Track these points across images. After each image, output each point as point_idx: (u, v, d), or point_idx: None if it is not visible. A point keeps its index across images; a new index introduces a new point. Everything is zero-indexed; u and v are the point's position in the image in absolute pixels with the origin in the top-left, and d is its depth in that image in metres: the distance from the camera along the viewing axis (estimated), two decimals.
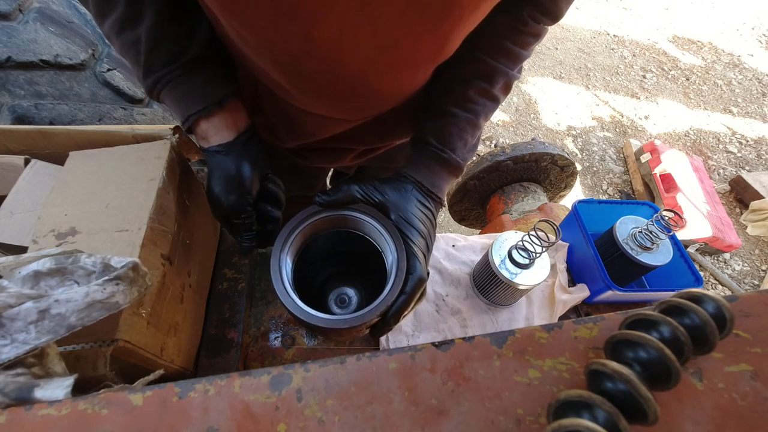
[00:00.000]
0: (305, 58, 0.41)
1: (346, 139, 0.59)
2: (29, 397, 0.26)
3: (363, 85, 0.45)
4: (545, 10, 0.46)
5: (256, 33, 0.39)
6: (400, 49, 0.41)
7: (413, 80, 0.49)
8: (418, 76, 0.48)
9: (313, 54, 0.40)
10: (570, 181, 1.23)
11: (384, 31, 0.37)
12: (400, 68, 0.45)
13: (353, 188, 0.46)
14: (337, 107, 0.50)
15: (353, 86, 0.45)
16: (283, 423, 0.24)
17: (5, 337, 0.27)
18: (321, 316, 0.39)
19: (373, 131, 0.60)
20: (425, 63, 0.46)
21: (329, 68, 0.42)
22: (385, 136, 0.63)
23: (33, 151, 0.55)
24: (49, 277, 0.31)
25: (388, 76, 0.45)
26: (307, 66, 0.42)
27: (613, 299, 0.68)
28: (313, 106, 0.50)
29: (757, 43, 3.29)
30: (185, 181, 0.54)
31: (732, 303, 0.29)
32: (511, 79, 0.51)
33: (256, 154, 0.48)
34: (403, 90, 0.50)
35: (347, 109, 0.51)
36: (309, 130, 0.56)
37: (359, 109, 0.52)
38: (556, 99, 2.62)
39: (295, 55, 0.41)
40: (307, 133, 0.57)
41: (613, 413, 0.20)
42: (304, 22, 0.36)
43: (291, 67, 0.43)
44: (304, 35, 0.38)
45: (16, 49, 1.21)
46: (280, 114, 0.55)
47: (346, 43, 0.38)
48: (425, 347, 0.28)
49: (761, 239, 2.11)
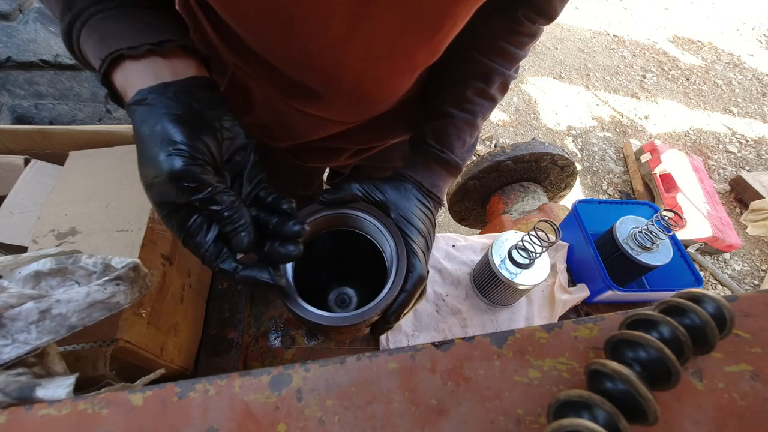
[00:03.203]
0: (303, 68, 0.42)
1: (341, 139, 0.59)
2: (31, 396, 0.26)
3: (360, 92, 0.46)
4: (540, 11, 0.47)
5: (258, 40, 0.40)
6: (394, 59, 0.42)
7: (408, 84, 0.50)
8: (414, 79, 0.49)
9: (310, 65, 0.41)
10: (570, 181, 1.23)
11: (379, 43, 0.38)
12: (397, 76, 0.46)
13: (354, 187, 0.46)
14: (334, 111, 0.51)
15: (350, 93, 0.46)
16: (283, 423, 0.24)
17: (6, 337, 0.27)
18: (321, 314, 0.39)
19: (368, 131, 0.60)
20: (420, 68, 0.47)
21: (326, 78, 0.43)
22: (380, 136, 0.63)
23: (33, 151, 0.55)
24: (50, 277, 0.31)
25: (384, 83, 0.46)
26: (306, 75, 0.43)
27: (613, 299, 0.68)
28: (310, 107, 0.51)
29: (757, 43, 3.30)
30: None
31: (732, 303, 0.29)
32: (507, 79, 0.51)
33: (213, 103, 0.33)
34: (399, 93, 0.51)
35: (344, 113, 0.52)
36: (304, 130, 0.56)
37: (356, 113, 0.53)
38: (556, 99, 2.62)
39: (294, 62, 0.42)
40: (301, 134, 0.57)
41: (613, 413, 0.20)
42: (300, 35, 0.37)
43: (290, 73, 0.44)
44: (302, 47, 0.38)
45: (16, 49, 1.21)
46: (274, 113, 0.54)
47: (343, 55, 0.39)
48: (425, 347, 0.28)
49: (761, 239, 2.11)
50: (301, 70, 0.43)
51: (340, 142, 0.61)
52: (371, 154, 0.70)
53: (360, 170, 0.85)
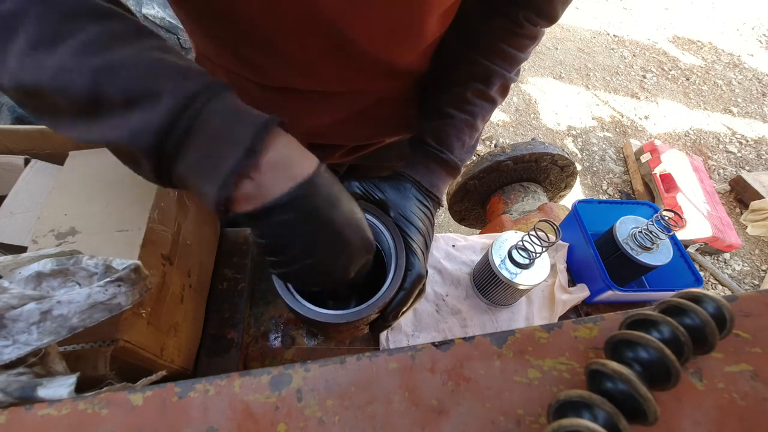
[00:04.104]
0: (274, 8, 0.38)
1: (333, 134, 0.59)
2: (32, 396, 0.26)
3: (337, 37, 0.42)
4: (541, 12, 0.47)
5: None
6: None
7: (388, 48, 0.46)
8: (392, 46, 0.45)
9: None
10: (570, 181, 1.23)
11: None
12: (376, 22, 0.41)
13: (353, 185, 0.46)
14: (313, 72, 0.47)
15: (327, 35, 0.42)
16: (283, 423, 0.24)
17: (7, 338, 0.27)
18: (321, 311, 0.39)
19: (363, 128, 0.59)
20: (400, 29, 0.43)
21: (299, 17, 0.39)
22: (375, 133, 0.63)
23: (33, 151, 0.55)
24: (52, 278, 0.31)
25: (360, 26, 0.41)
26: (276, 15, 0.38)
27: (613, 299, 0.68)
28: (288, 76, 0.48)
29: (757, 43, 3.29)
30: None
31: (732, 303, 0.29)
32: (508, 82, 0.51)
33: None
34: (379, 56, 0.47)
35: (324, 75, 0.48)
36: (288, 116, 0.54)
37: (336, 75, 0.48)
38: (556, 99, 2.62)
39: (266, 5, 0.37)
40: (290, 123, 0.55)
41: (613, 413, 0.20)
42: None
43: (260, 21, 0.39)
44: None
45: None
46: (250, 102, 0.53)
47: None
48: (425, 347, 0.28)
49: (761, 239, 2.11)
50: (271, 11, 0.38)
51: (333, 138, 0.61)
52: (367, 153, 0.70)
53: (356, 170, 0.85)
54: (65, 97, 0.26)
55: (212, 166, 0.27)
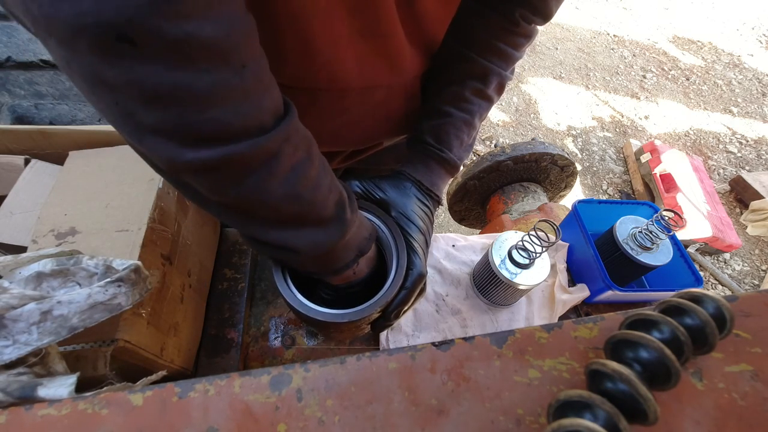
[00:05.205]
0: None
1: (340, 138, 0.58)
2: (33, 395, 0.26)
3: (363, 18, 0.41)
4: (536, 10, 0.47)
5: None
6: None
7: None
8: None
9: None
10: (570, 181, 1.23)
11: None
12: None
13: (354, 184, 0.46)
14: (337, 60, 0.45)
15: (354, 16, 0.40)
16: (283, 423, 0.24)
17: (7, 338, 0.27)
18: (322, 311, 0.39)
19: (368, 127, 0.59)
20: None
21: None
22: (378, 133, 0.63)
23: (33, 151, 0.55)
24: (52, 278, 0.31)
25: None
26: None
27: (613, 299, 0.68)
28: (309, 71, 0.45)
29: (757, 43, 3.29)
30: None
31: (732, 303, 0.29)
32: (504, 80, 0.52)
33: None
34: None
35: (346, 65, 0.46)
36: (307, 123, 0.53)
37: (357, 66, 0.47)
38: (556, 99, 2.62)
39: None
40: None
41: (613, 413, 0.20)
42: None
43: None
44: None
45: (16, 49, 1.21)
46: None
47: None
48: (425, 347, 0.28)
49: (761, 239, 2.11)
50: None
51: (340, 143, 0.61)
52: (363, 157, 0.70)
53: (353, 173, 0.85)
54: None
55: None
